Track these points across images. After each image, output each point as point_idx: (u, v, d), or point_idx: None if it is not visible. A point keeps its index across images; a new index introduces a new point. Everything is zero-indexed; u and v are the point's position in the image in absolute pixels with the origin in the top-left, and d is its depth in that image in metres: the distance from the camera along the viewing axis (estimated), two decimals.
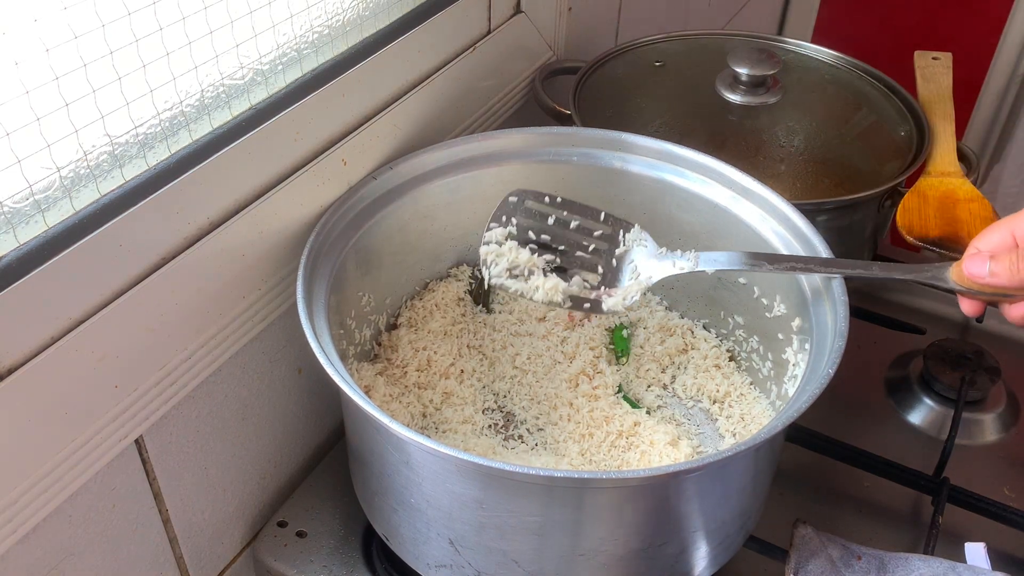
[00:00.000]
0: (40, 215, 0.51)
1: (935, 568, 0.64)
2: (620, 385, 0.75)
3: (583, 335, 0.77)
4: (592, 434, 0.70)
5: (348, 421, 0.66)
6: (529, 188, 0.68)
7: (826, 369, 0.57)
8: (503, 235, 0.66)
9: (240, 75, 0.62)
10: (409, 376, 0.73)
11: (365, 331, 0.73)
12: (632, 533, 0.58)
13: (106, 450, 0.56)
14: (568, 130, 0.78)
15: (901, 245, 0.86)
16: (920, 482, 0.76)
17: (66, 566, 0.57)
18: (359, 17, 0.71)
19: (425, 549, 0.62)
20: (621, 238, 0.67)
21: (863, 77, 0.94)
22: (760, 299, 0.73)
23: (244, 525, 0.74)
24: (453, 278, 0.81)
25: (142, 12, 0.52)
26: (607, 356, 0.77)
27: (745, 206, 0.72)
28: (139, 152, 0.56)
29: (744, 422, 0.73)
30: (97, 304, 0.53)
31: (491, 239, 0.66)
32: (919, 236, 0.75)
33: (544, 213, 0.67)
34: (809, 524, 0.67)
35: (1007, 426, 0.84)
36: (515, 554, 0.58)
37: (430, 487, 0.57)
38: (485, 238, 0.66)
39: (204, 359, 0.62)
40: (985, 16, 1.61)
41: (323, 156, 0.67)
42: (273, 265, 0.66)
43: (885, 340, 0.91)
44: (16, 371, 0.49)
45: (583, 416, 0.72)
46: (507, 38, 0.87)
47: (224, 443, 0.68)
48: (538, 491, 0.55)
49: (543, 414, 0.73)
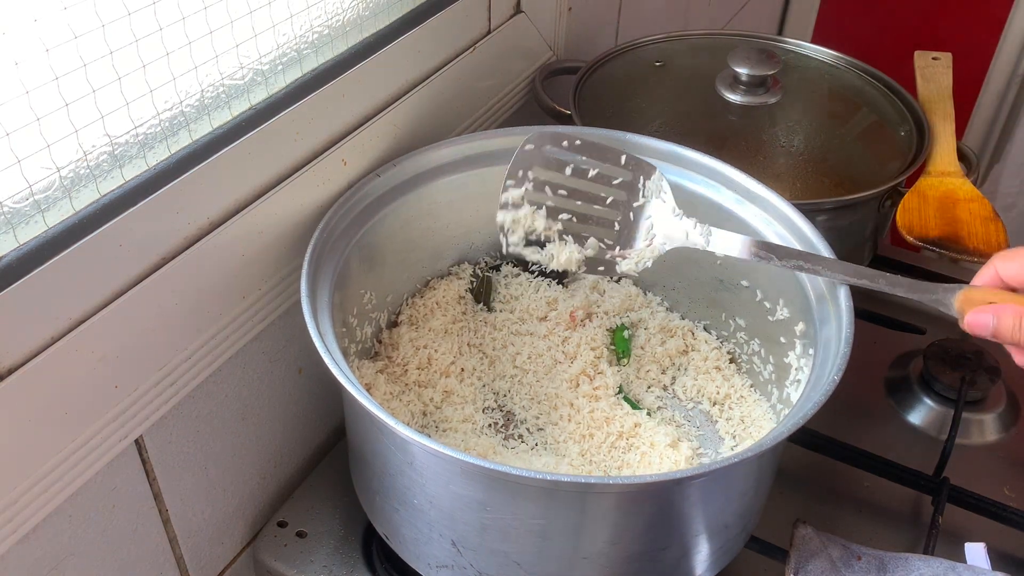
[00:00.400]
0: (40, 215, 0.51)
1: (935, 568, 0.64)
2: (620, 386, 0.75)
3: (584, 335, 0.77)
4: (592, 435, 0.70)
5: (350, 421, 0.66)
6: (546, 133, 0.67)
7: (831, 375, 0.57)
8: (520, 196, 0.66)
9: (240, 75, 0.62)
10: (409, 374, 0.73)
11: (366, 329, 0.73)
12: (635, 537, 0.58)
13: (106, 450, 0.56)
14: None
15: (901, 245, 0.86)
16: (920, 482, 0.76)
17: (66, 566, 0.57)
18: (359, 17, 0.71)
19: (427, 549, 0.62)
20: (641, 186, 0.67)
21: (863, 77, 0.94)
22: (762, 302, 0.73)
23: (244, 525, 0.74)
24: (454, 276, 0.81)
25: (142, 12, 0.52)
26: (608, 357, 0.77)
27: (745, 206, 0.72)
28: (139, 152, 0.56)
29: (744, 425, 0.73)
30: (97, 304, 0.53)
31: (508, 200, 0.66)
32: (919, 236, 0.75)
33: (562, 162, 0.67)
34: (809, 524, 0.67)
35: (1007, 426, 0.84)
36: (517, 556, 0.58)
37: (433, 488, 0.57)
38: (502, 199, 0.66)
39: (204, 359, 0.62)
40: (985, 16, 1.61)
41: (323, 156, 0.67)
42: (273, 265, 0.66)
43: (885, 340, 0.91)
44: (16, 371, 0.49)
45: (583, 416, 0.71)
46: (507, 38, 0.87)
47: (224, 443, 0.68)
48: (542, 494, 0.55)
49: (543, 414, 0.73)
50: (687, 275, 0.80)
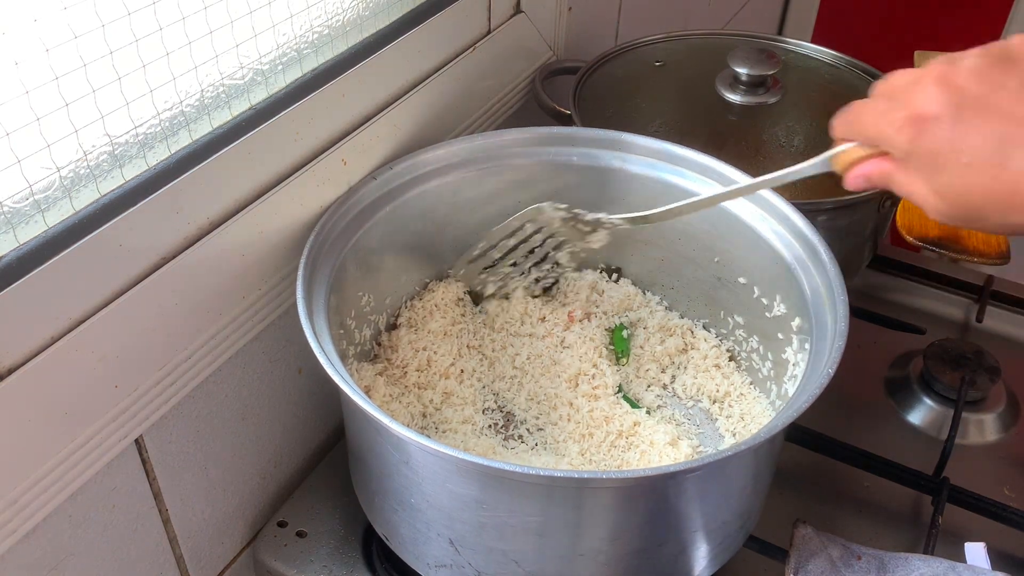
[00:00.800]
0: (40, 215, 0.51)
1: (935, 568, 0.64)
2: (620, 385, 0.75)
3: (583, 335, 0.77)
4: (592, 434, 0.70)
5: (348, 421, 0.66)
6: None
7: (826, 369, 0.57)
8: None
9: (240, 75, 0.62)
10: (409, 376, 0.73)
11: (365, 331, 0.73)
12: (633, 533, 0.58)
13: (106, 450, 0.56)
14: (568, 130, 0.78)
15: (901, 245, 0.86)
16: (920, 482, 0.76)
17: (66, 566, 0.58)
18: (359, 17, 0.71)
19: (425, 549, 0.62)
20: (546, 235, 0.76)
21: (863, 77, 0.94)
22: (760, 299, 0.73)
23: (244, 525, 0.74)
24: (453, 278, 0.81)
25: (142, 12, 0.52)
26: (607, 356, 0.77)
27: (745, 206, 0.72)
28: (139, 152, 0.56)
29: (744, 422, 0.73)
30: (97, 304, 0.53)
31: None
32: (919, 236, 0.75)
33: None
34: (809, 524, 0.67)
35: (1007, 426, 0.84)
36: (515, 554, 0.58)
37: (430, 487, 0.57)
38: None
39: (204, 359, 0.62)
40: (985, 16, 1.61)
41: (323, 156, 0.67)
42: (273, 265, 0.66)
43: (885, 340, 0.91)
44: (16, 371, 0.49)
45: (583, 416, 0.71)
46: (507, 38, 0.87)
47: (224, 443, 0.68)
48: (538, 491, 0.55)
49: (543, 414, 0.73)
50: (685, 274, 0.80)
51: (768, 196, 0.71)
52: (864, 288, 0.98)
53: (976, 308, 0.94)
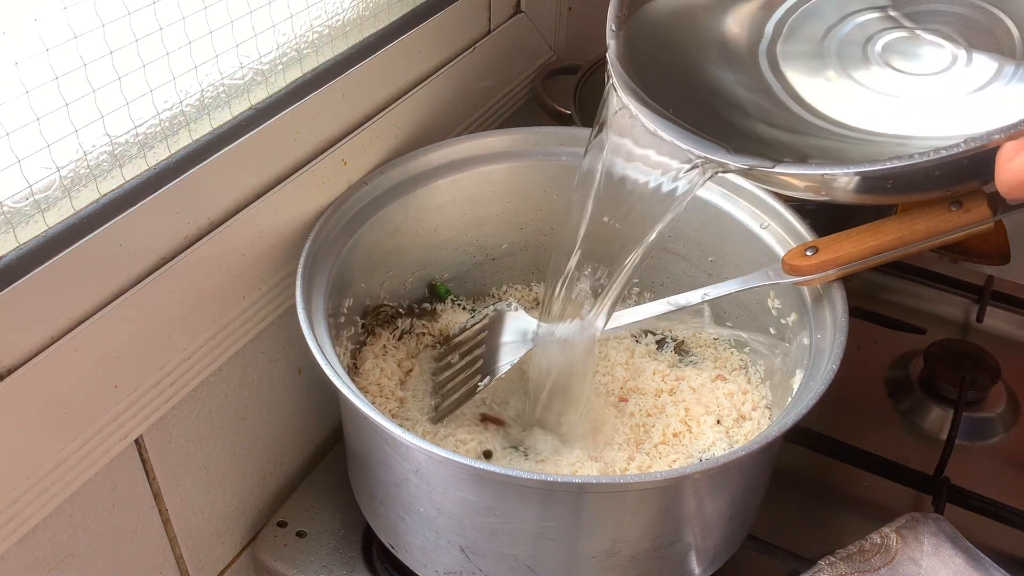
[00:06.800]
0: (40, 215, 0.51)
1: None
2: (624, 389, 0.75)
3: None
4: (599, 431, 0.70)
5: (348, 427, 0.66)
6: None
7: (829, 365, 0.57)
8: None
9: (240, 75, 0.62)
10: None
11: (365, 331, 0.73)
12: (644, 534, 0.58)
13: (106, 450, 0.56)
14: (568, 130, 0.78)
15: None
16: (920, 482, 0.76)
17: (66, 566, 0.57)
18: (359, 17, 0.71)
19: (434, 557, 0.61)
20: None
21: None
22: (760, 300, 0.73)
23: (244, 525, 0.74)
24: (452, 279, 0.81)
25: (142, 12, 0.52)
26: (611, 357, 0.77)
27: (741, 206, 0.72)
28: (139, 152, 0.56)
29: (744, 421, 0.73)
30: (97, 304, 0.53)
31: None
32: None
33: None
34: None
35: (1007, 426, 0.84)
36: (527, 559, 0.58)
37: (440, 495, 0.57)
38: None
39: (204, 359, 0.62)
40: None
41: (323, 156, 0.67)
42: (273, 265, 0.66)
43: (885, 340, 0.91)
44: (16, 371, 0.49)
45: (586, 416, 0.71)
46: (507, 38, 0.87)
47: (224, 443, 0.68)
48: (549, 496, 0.55)
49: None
50: (678, 273, 0.79)
51: (765, 195, 0.71)
52: (864, 288, 0.98)
53: (976, 308, 0.94)
